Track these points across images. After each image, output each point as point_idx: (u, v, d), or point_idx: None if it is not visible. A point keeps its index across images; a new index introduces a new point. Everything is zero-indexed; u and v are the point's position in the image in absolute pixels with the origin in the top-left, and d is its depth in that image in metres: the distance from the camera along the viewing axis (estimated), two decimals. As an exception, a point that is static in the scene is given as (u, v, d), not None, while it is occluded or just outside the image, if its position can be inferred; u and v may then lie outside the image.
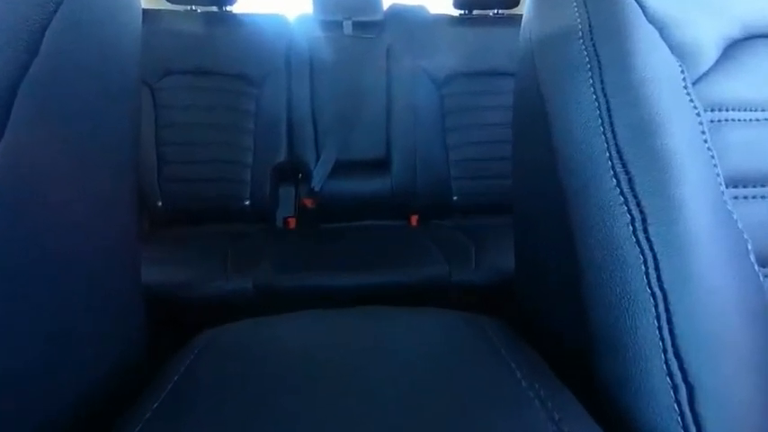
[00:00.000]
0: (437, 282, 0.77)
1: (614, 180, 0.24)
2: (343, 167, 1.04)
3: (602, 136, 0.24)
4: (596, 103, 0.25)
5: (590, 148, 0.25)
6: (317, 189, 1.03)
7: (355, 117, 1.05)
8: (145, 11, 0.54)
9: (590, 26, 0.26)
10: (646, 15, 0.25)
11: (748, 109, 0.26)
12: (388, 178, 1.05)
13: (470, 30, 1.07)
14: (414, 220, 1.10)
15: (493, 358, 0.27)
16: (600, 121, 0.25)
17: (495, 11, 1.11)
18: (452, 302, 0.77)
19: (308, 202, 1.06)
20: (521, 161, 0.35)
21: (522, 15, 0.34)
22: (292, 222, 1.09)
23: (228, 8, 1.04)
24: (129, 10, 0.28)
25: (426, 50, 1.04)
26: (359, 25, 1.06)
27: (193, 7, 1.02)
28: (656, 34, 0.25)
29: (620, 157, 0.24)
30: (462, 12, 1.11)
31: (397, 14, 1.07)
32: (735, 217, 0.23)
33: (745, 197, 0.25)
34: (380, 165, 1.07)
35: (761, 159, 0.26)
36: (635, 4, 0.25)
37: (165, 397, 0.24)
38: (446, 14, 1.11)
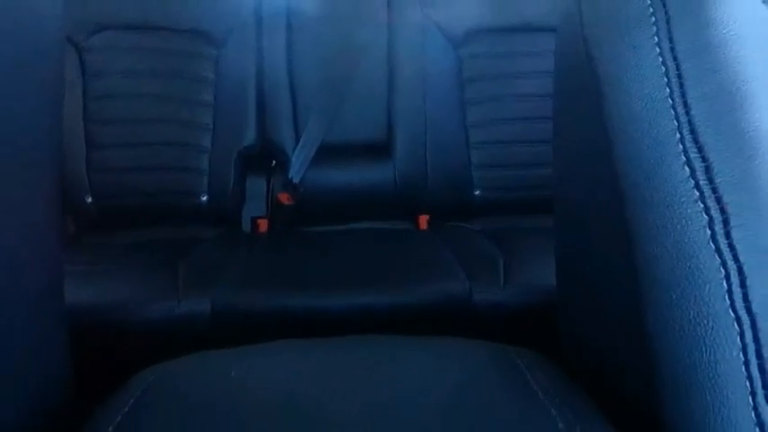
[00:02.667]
0: (454, 302, 0.70)
1: (687, 169, 0.21)
2: (330, 153, 0.94)
3: (672, 111, 0.22)
4: (663, 68, 0.23)
5: (655, 127, 0.23)
6: (295, 181, 0.92)
7: (347, 86, 0.94)
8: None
9: (667, 15, 0.23)
10: None
11: None
12: (391, 167, 0.94)
13: None
14: (423, 221, 0.99)
15: (528, 401, 0.26)
16: (668, 91, 0.22)
17: None
18: (474, 329, 0.70)
19: (285, 198, 0.94)
20: (564, 145, 0.32)
21: None
22: (263, 224, 0.97)
23: None
24: None
25: None
26: None
27: None
28: None
29: (695, 140, 0.21)
30: None
31: None
32: None
33: None
34: (380, 149, 0.96)
35: None
36: None
37: None
38: None
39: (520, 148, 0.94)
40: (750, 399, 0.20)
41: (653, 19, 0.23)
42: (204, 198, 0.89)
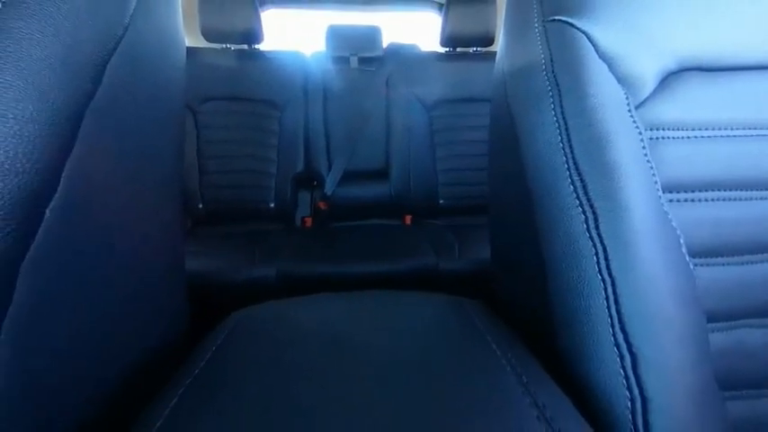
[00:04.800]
0: (427, 270, 0.82)
1: (571, 187, 0.25)
2: (350, 176, 1.13)
3: (562, 151, 0.26)
4: (557, 125, 0.26)
5: (552, 160, 0.26)
6: (329, 194, 1.11)
7: (360, 135, 1.14)
8: (188, 48, 0.59)
9: (551, 60, 0.27)
10: (597, 51, 0.26)
11: (681, 128, 0.28)
12: (388, 185, 1.13)
13: (454, 64, 1.19)
14: (408, 219, 1.18)
15: (473, 334, 0.28)
16: (560, 138, 0.26)
17: (474, 48, 1.23)
18: (440, 287, 0.81)
19: (322, 205, 1.13)
20: (495, 171, 0.36)
21: (495, 52, 0.36)
22: (309, 222, 1.16)
23: (256, 46, 1.16)
24: (176, 47, 0.29)
25: (418, 81, 1.15)
26: (363, 60, 1.19)
27: (227, 45, 1.13)
28: (605, 67, 0.26)
29: (576, 168, 0.25)
30: (448, 49, 1.24)
31: (394, 51, 1.20)
32: (670, 217, 0.25)
33: (678, 200, 0.27)
34: (381, 174, 1.16)
35: (691, 170, 0.28)
36: (587, 41, 0.26)
37: (199, 373, 0.24)
38: (435, 51, 1.25)
39: (468, 173, 1.14)
40: (611, 329, 0.23)
41: (551, 93, 0.26)
42: (272, 205, 1.08)
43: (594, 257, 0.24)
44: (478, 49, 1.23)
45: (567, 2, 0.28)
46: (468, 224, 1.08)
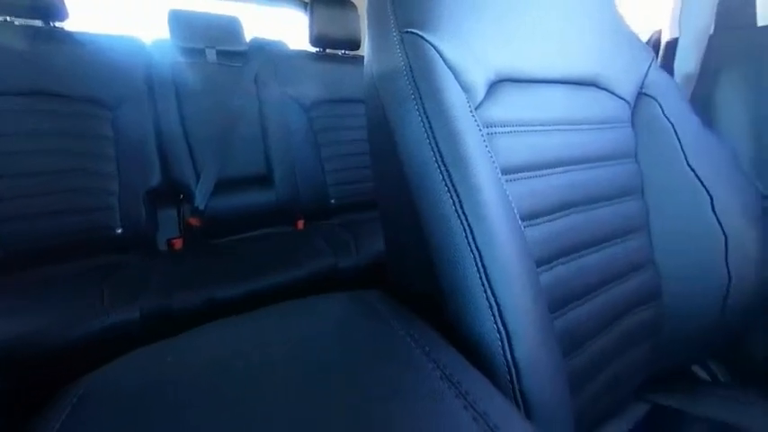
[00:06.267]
0: (327, 271, 0.80)
1: (440, 176, 0.28)
2: (226, 185, 0.99)
3: (429, 146, 0.29)
4: (422, 123, 0.29)
5: (423, 155, 0.29)
6: (201, 208, 0.95)
7: (232, 138, 1.01)
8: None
9: (410, 67, 0.30)
10: (444, 61, 0.31)
11: (505, 125, 0.35)
12: (272, 191, 1.04)
13: (327, 65, 1.17)
14: (300, 224, 1.12)
15: (377, 322, 0.30)
16: (426, 135, 0.29)
17: (343, 51, 1.24)
18: (343, 285, 0.80)
19: (194, 222, 0.97)
20: (378, 167, 0.38)
21: (363, 56, 0.39)
22: (178, 243, 0.97)
23: (59, 24, 0.87)
24: None
25: (291, 80, 1.10)
26: (223, 54, 1.05)
27: (9, 18, 0.81)
28: (452, 76, 0.31)
29: (442, 160, 0.29)
30: (318, 49, 1.21)
31: (260, 47, 1.10)
32: (507, 192, 0.31)
33: (510, 180, 0.34)
34: (263, 179, 1.06)
35: (515, 156, 0.35)
36: (435, 52, 0.31)
37: None
38: (304, 50, 1.20)
39: (355, 172, 1.14)
40: (482, 289, 0.27)
41: (413, 97, 0.30)
42: (119, 230, 0.86)
43: (464, 233, 0.27)
44: (347, 52, 1.24)
45: (417, 16, 0.32)
46: (361, 220, 1.09)
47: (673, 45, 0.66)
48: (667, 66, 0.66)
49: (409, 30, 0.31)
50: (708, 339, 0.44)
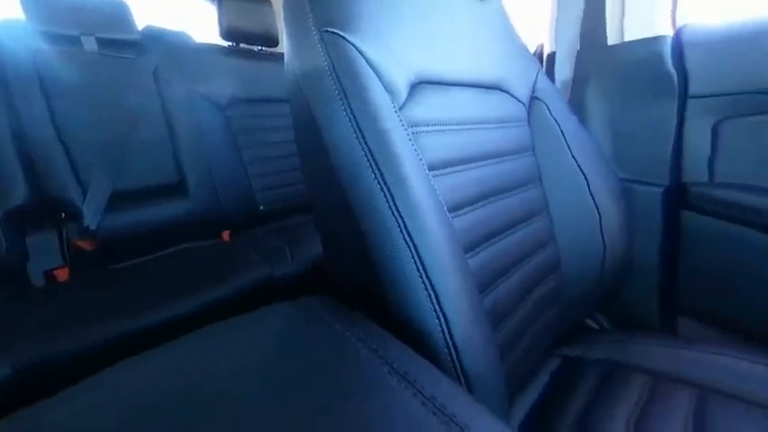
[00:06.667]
0: (262, 283, 0.74)
1: (373, 175, 0.29)
2: (125, 197, 0.84)
3: (360, 145, 0.29)
4: (350, 123, 0.30)
5: (354, 155, 0.30)
6: (92, 227, 0.78)
7: (128, 142, 0.86)
8: None
9: (333, 67, 0.30)
10: (367, 62, 0.31)
11: (428, 125, 0.36)
12: (187, 200, 0.92)
13: (242, 61, 1.08)
14: (226, 235, 1.01)
15: (319, 324, 0.30)
16: (355, 135, 0.29)
17: (260, 48, 1.16)
18: (281, 295, 0.75)
19: (85, 245, 0.79)
20: (308, 169, 0.38)
21: (282, 53, 0.37)
22: (62, 274, 0.79)
23: None
24: None
25: (200, 76, 0.98)
26: (107, 43, 0.87)
27: None
28: (375, 77, 0.32)
29: (374, 159, 0.29)
30: (230, 43, 1.10)
31: (156, 37, 0.96)
32: (435, 187, 0.33)
33: (436, 175, 0.36)
34: (175, 188, 0.92)
35: (439, 153, 0.37)
36: (357, 53, 0.31)
37: None
38: (215, 44, 1.08)
39: (284, 175, 1.08)
40: (420, 280, 0.29)
41: (339, 97, 0.30)
42: None
43: (398, 228, 0.28)
44: (264, 48, 1.16)
45: (335, 16, 0.32)
46: (295, 225, 1.03)
47: (552, 57, 0.79)
48: (550, 74, 0.79)
49: (329, 29, 0.31)
50: (594, 297, 0.53)
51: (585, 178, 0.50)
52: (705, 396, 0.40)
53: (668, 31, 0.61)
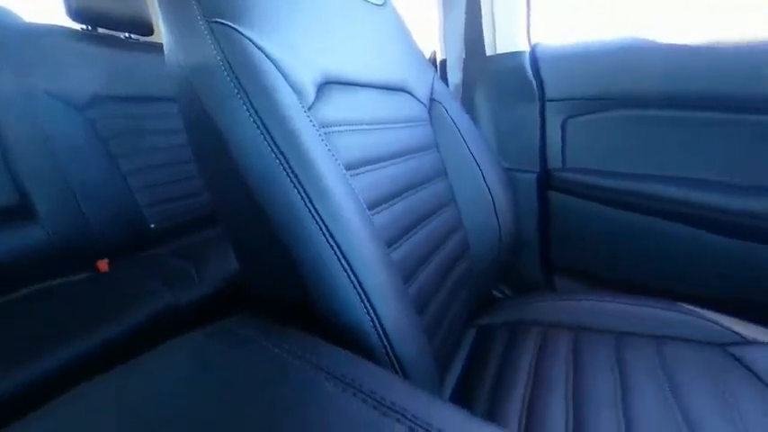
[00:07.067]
0: (165, 313, 0.64)
1: (288, 178, 0.28)
2: None
3: (269, 148, 0.28)
4: (255, 125, 0.28)
5: (263, 157, 0.28)
6: None
7: None
8: None
9: (228, 62, 0.28)
10: (270, 60, 0.30)
11: (339, 125, 0.36)
12: (37, 226, 0.73)
13: (105, 50, 0.88)
14: (104, 265, 0.82)
15: (242, 344, 0.28)
16: (263, 137, 0.28)
17: (128, 35, 0.98)
18: (192, 323, 0.64)
19: None
20: (210, 175, 0.35)
21: (161, 44, 0.36)
22: None
23: None
24: None
25: (42, 68, 0.77)
26: None
27: None
28: (279, 74, 0.30)
29: (287, 162, 0.28)
30: (84, 27, 0.89)
31: None
32: (354, 187, 0.33)
33: (354, 175, 0.36)
34: (14, 212, 0.72)
35: (354, 153, 0.37)
36: (256, 48, 0.29)
37: None
38: (62, 26, 0.86)
39: (178, 185, 0.93)
40: (348, 278, 0.29)
41: (238, 95, 0.28)
42: None
43: (320, 231, 0.28)
44: (132, 36, 0.98)
45: (225, 7, 0.29)
46: (200, 241, 0.91)
47: (444, 63, 0.89)
48: (444, 78, 0.89)
49: (219, 20, 0.29)
50: (495, 271, 0.62)
51: (480, 170, 0.58)
52: (579, 334, 0.50)
53: (526, 47, 0.75)
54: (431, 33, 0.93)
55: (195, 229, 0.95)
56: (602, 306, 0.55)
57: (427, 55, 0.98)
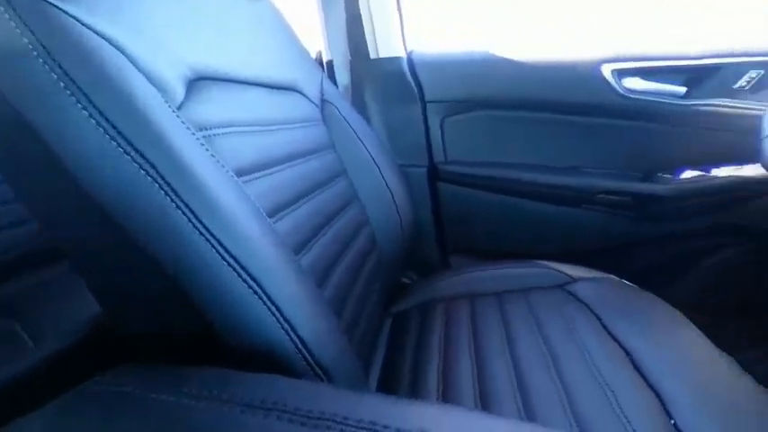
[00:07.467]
0: None
1: (162, 192, 0.23)
2: None
3: (129, 158, 0.23)
4: (99, 125, 0.23)
5: (122, 170, 0.23)
6: None
7: None
8: None
9: (45, 49, 0.22)
10: (109, 42, 0.24)
11: (221, 127, 0.32)
12: None
13: None
14: None
15: (114, 411, 0.23)
16: (116, 144, 0.23)
17: None
18: (33, 404, 0.49)
19: None
20: (35, 198, 0.28)
21: None
22: None
23: None
24: None
25: None
26: None
27: None
28: (132, 66, 0.25)
29: (158, 173, 0.23)
30: None
31: None
32: (249, 193, 0.30)
33: (247, 181, 0.33)
34: None
35: (245, 157, 0.34)
36: (88, 30, 0.24)
37: None
38: None
39: None
40: (255, 295, 0.26)
41: (68, 91, 0.23)
42: None
43: (213, 249, 0.25)
44: None
45: None
46: (29, 286, 0.70)
47: (331, 64, 0.90)
48: (332, 79, 0.90)
49: None
50: (401, 259, 0.66)
51: (378, 167, 0.61)
52: (474, 300, 0.60)
53: (403, 53, 0.82)
54: (311, 31, 0.92)
55: (24, 268, 0.70)
56: (487, 274, 0.66)
57: (313, 55, 0.97)
